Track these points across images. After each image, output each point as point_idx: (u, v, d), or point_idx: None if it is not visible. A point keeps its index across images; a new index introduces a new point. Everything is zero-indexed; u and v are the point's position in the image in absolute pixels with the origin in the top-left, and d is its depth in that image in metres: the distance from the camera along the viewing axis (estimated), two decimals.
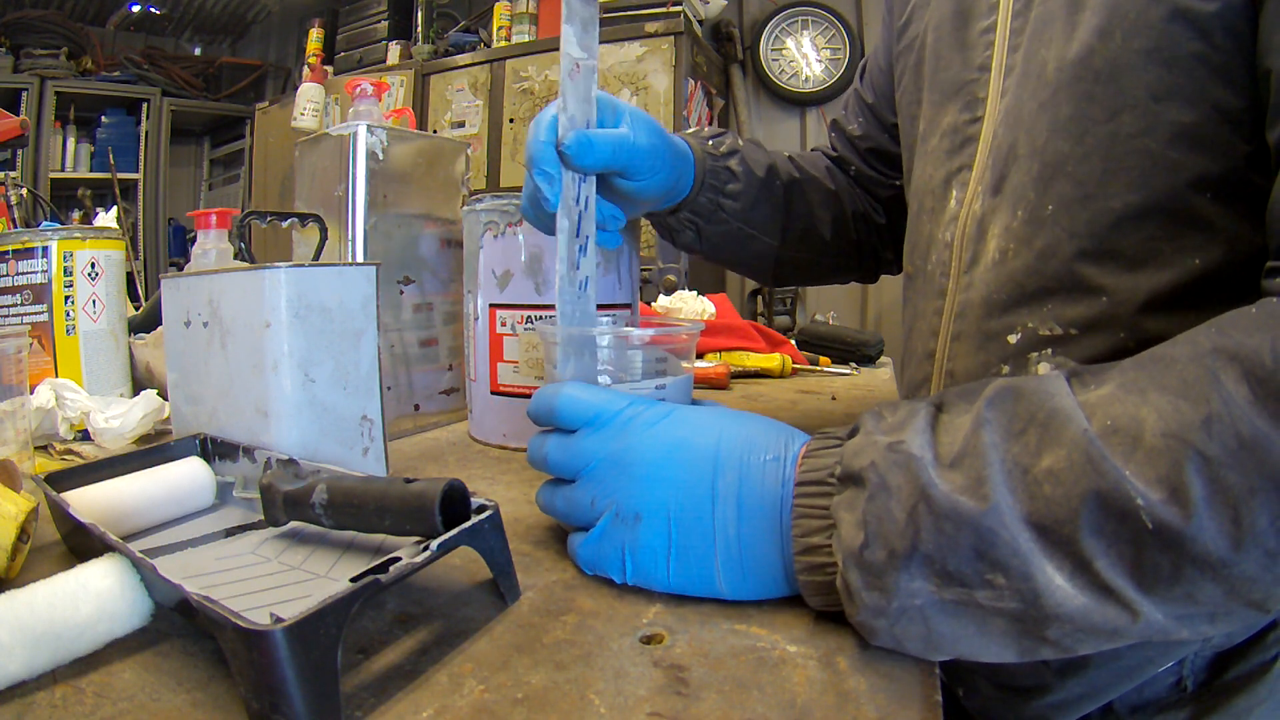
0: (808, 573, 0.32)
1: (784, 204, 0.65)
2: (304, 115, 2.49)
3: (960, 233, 0.49)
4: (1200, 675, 0.47)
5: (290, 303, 0.45)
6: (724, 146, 0.61)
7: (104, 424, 0.61)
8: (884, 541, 0.29)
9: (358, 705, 0.27)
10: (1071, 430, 0.28)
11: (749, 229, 0.63)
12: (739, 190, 0.60)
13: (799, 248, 0.67)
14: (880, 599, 0.29)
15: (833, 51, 2.63)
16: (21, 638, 0.27)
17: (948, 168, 0.51)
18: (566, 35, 0.41)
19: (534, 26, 2.55)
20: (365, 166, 0.65)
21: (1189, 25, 0.37)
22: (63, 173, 3.26)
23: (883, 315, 2.66)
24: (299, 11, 3.47)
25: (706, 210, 0.60)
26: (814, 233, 0.67)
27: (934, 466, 0.29)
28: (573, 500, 0.36)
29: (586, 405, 0.37)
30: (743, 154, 0.61)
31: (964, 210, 0.49)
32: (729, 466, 0.34)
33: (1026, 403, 0.29)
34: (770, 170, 0.63)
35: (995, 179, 0.46)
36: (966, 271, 0.48)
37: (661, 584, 0.34)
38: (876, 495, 0.29)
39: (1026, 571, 0.27)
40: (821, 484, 0.32)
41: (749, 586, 0.34)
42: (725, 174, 0.60)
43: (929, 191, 0.53)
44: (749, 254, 0.65)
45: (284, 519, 0.39)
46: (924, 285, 0.53)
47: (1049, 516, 0.27)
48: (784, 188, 0.64)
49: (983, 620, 0.28)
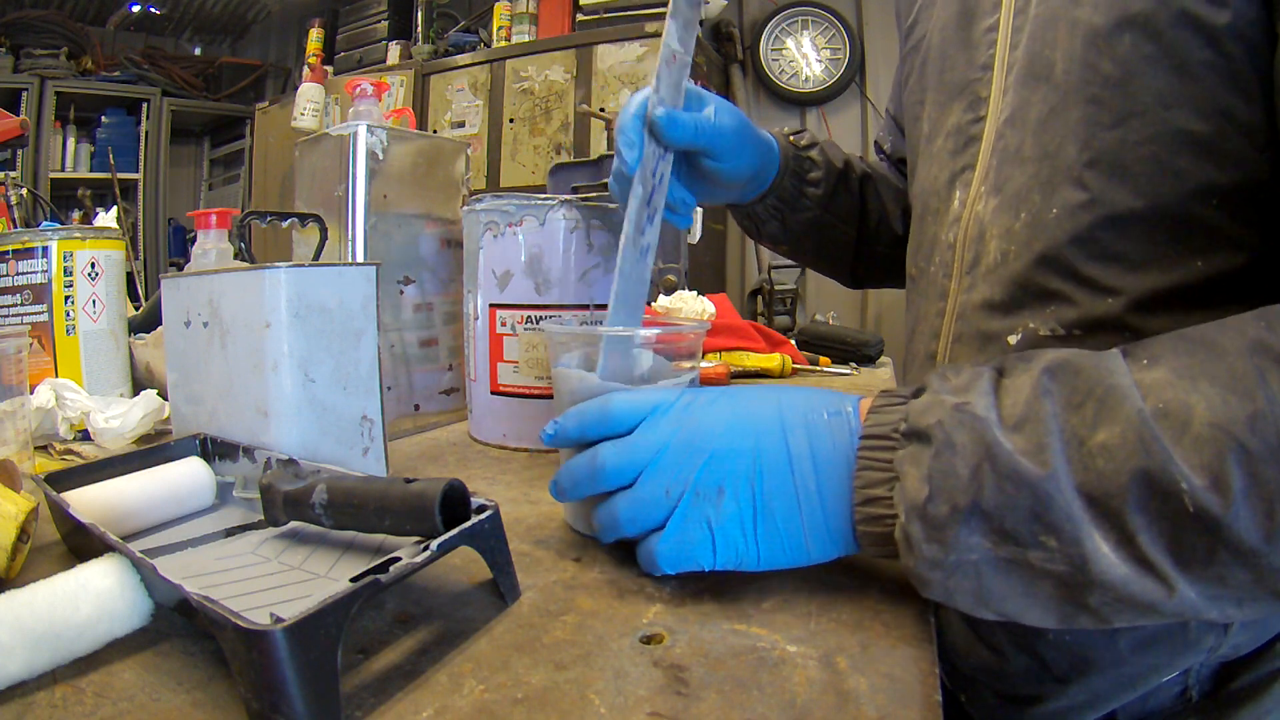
0: (867, 523, 0.33)
1: (860, 195, 0.68)
2: (304, 115, 2.49)
3: (962, 234, 0.49)
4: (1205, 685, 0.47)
5: (290, 303, 0.45)
6: (805, 139, 0.65)
7: (104, 424, 0.61)
8: (947, 496, 0.30)
9: (358, 705, 0.27)
10: (1127, 408, 0.28)
11: (829, 216, 0.66)
12: (820, 178, 0.64)
13: (875, 240, 0.69)
14: (939, 551, 0.30)
15: (832, 52, 2.63)
16: (21, 638, 0.27)
17: (951, 168, 0.51)
18: (669, 29, 0.47)
19: (534, 26, 2.55)
20: (365, 166, 0.65)
21: (1198, 32, 0.37)
22: (63, 173, 3.26)
23: (883, 315, 2.66)
24: (299, 11, 3.47)
25: (791, 197, 0.63)
26: (887, 225, 0.69)
27: (998, 428, 0.30)
28: (640, 499, 0.35)
29: (643, 401, 0.37)
30: (822, 147, 0.65)
31: (966, 211, 0.49)
32: (796, 426, 0.34)
33: (1086, 377, 0.30)
34: (847, 163, 0.67)
35: (998, 179, 0.46)
36: (968, 272, 0.48)
37: (750, 558, 0.34)
38: (942, 452, 0.30)
39: (1077, 536, 0.28)
40: (886, 438, 0.33)
41: (833, 542, 0.34)
42: (808, 163, 0.64)
43: (933, 192, 0.53)
44: (830, 244, 0.68)
45: (284, 519, 0.39)
46: (926, 287, 0.53)
47: (1099, 488, 0.28)
48: (859, 181, 0.68)
49: (1031, 581, 0.29)
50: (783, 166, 0.62)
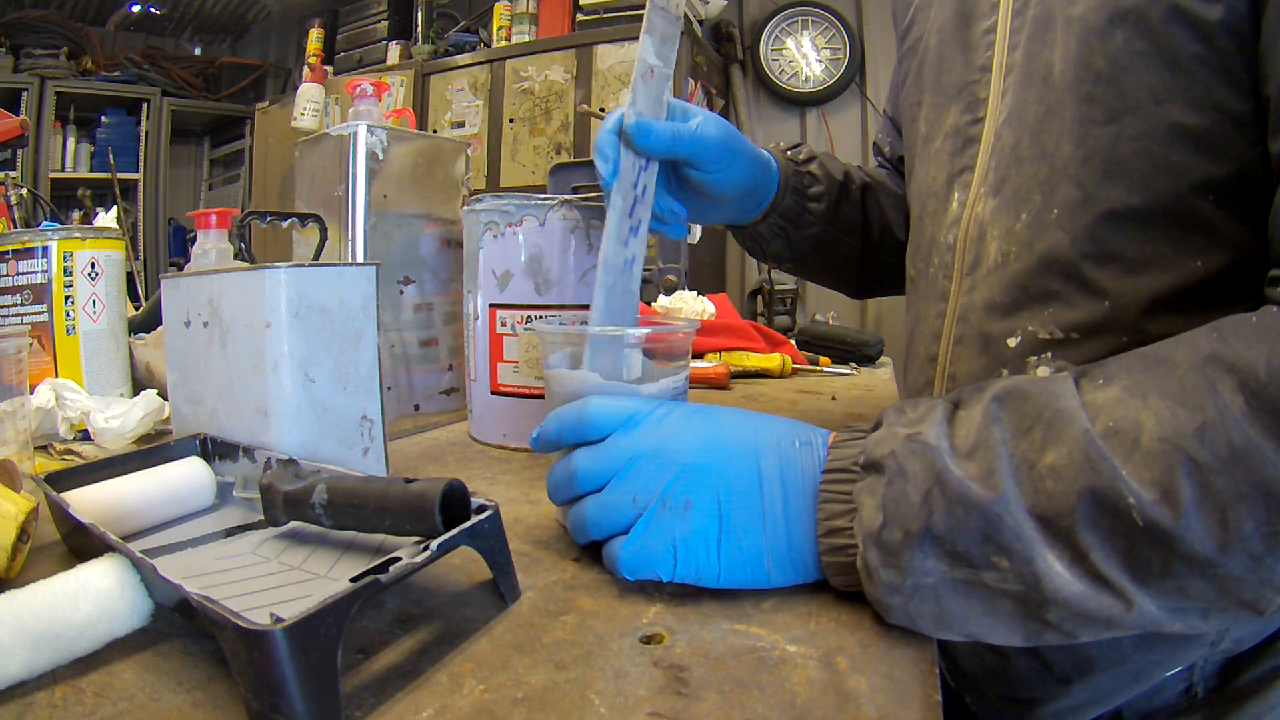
0: (831, 553, 0.33)
1: (861, 206, 0.67)
2: (304, 115, 2.49)
3: (962, 235, 0.49)
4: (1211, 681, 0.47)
5: (290, 303, 0.45)
6: (803, 154, 0.64)
7: (104, 424, 0.61)
8: (900, 522, 0.31)
9: (358, 705, 0.27)
10: (1073, 430, 0.29)
11: (833, 230, 0.65)
12: (821, 193, 0.63)
13: (879, 250, 0.69)
14: (896, 576, 0.31)
15: (832, 51, 2.63)
16: (21, 638, 0.27)
17: (950, 169, 0.51)
18: (645, 44, 0.47)
19: (534, 26, 2.55)
20: (365, 166, 0.65)
21: (1189, 27, 0.37)
22: (63, 173, 3.26)
23: (883, 315, 2.66)
24: (299, 11, 3.47)
25: (793, 214, 0.63)
26: (890, 234, 0.69)
27: (950, 455, 0.31)
28: (608, 504, 0.36)
29: (619, 410, 0.37)
30: (821, 160, 0.65)
31: (966, 212, 0.49)
32: (769, 450, 0.35)
33: (1034, 403, 0.31)
34: (846, 175, 0.66)
35: (997, 180, 0.46)
36: (968, 274, 0.48)
37: (710, 574, 0.34)
38: (895, 480, 0.31)
39: (1029, 556, 0.29)
40: (846, 471, 0.34)
41: (794, 568, 0.34)
42: (808, 178, 0.63)
43: (931, 194, 0.53)
44: (835, 258, 0.68)
45: (284, 519, 0.39)
46: (926, 288, 0.53)
47: (1050, 509, 0.29)
48: (860, 191, 0.67)
49: (990, 601, 0.30)
50: (782, 183, 0.61)
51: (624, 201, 0.46)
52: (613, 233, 0.46)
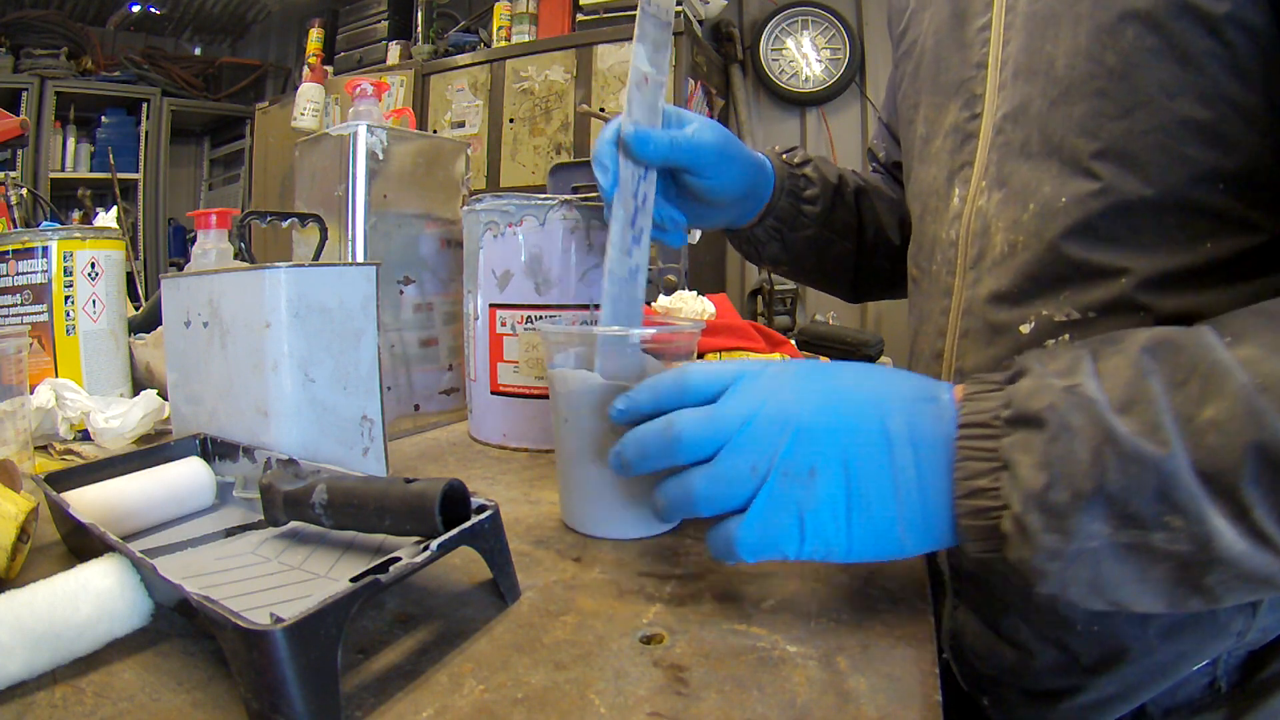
0: (971, 516, 0.31)
1: (856, 209, 0.68)
2: (304, 115, 2.49)
3: (964, 230, 0.49)
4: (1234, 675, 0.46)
5: (290, 303, 0.45)
6: (798, 157, 0.65)
7: (104, 424, 0.61)
8: (1069, 482, 0.29)
9: (358, 705, 0.27)
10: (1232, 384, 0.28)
11: (828, 232, 0.65)
12: (816, 195, 0.64)
13: (873, 254, 0.69)
14: (1059, 541, 0.29)
15: (832, 52, 2.63)
16: (21, 638, 0.27)
17: (950, 166, 0.51)
18: (637, 52, 0.47)
19: (534, 26, 2.55)
20: (365, 166, 0.65)
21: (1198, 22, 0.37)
22: (63, 173, 3.26)
23: (883, 315, 2.66)
24: (299, 11, 3.46)
25: (788, 216, 0.63)
26: (885, 238, 0.69)
27: (1109, 409, 0.29)
28: (721, 476, 0.32)
29: (724, 371, 0.34)
30: (815, 163, 0.65)
31: (967, 207, 0.49)
32: (896, 408, 0.33)
33: (1188, 355, 0.30)
34: (841, 178, 0.67)
35: (1001, 174, 0.46)
36: (972, 267, 0.48)
37: (840, 548, 0.32)
38: (1059, 437, 0.29)
39: (1201, 514, 0.28)
40: (986, 426, 0.31)
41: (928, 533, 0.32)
42: (803, 180, 0.64)
43: (932, 192, 0.53)
44: (830, 260, 0.68)
45: (284, 519, 0.39)
46: (930, 286, 0.53)
47: (1213, 465, 0.28)
48: (854, 194, 0.67)
49: (1147, 566, 0.29)
50: (778, 186, 0.62)
51: (625, 211, 0.47)
52: (616, 243, 0.46)
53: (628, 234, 0.47)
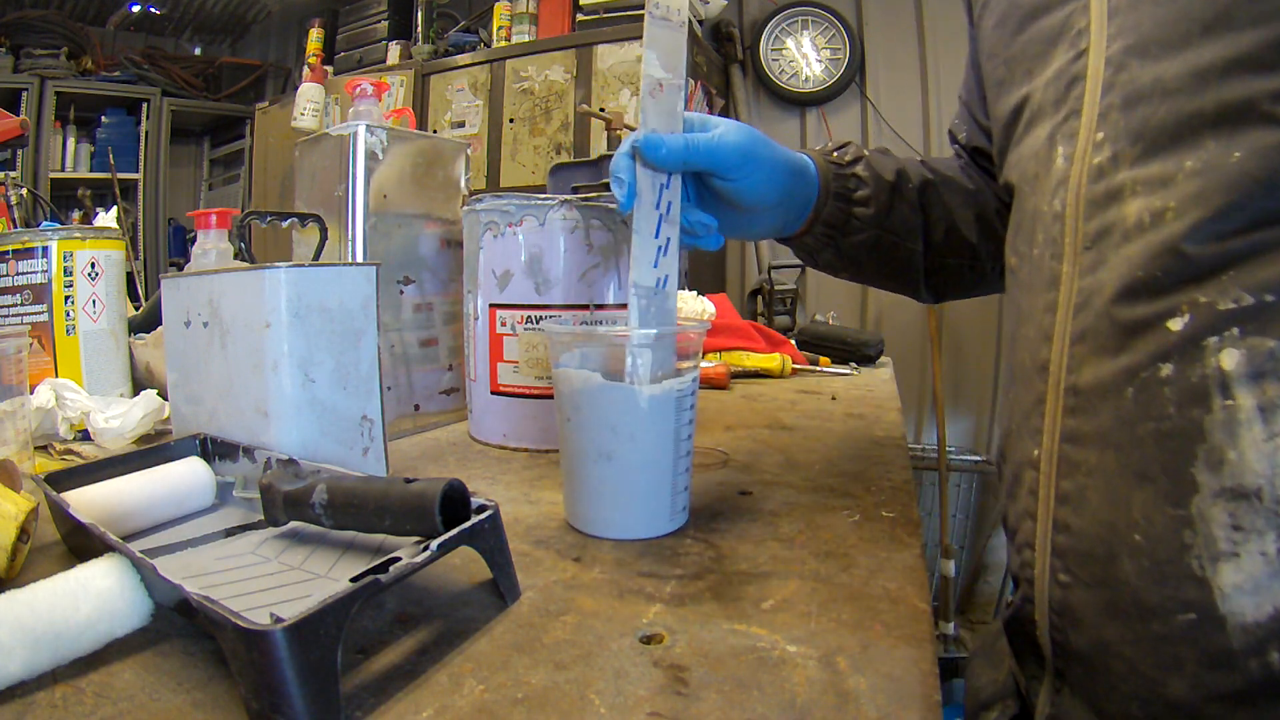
0: None
1: (920, 206, 0.60)
2: (304, 115, 2.49)
3: (1073, 198, 0.39)
4: None
5: (290, 303, 0.45)
6: (848, 155, 0.59)
7: (104, 424, 0.61)
8: None
9: (358, 705, 0.27)
10: None
11: (888, 235, 0.59)
12: (868, 195, 0.58)
13: (946, 252, 0.62)
14: None
15: (833, 51, 2.63)
16: (21, 638, 0.27)
17: (1053, 121, 0.41)
18: (648, 59, 0.46)
19: (534, 26, 2.55)
20: (365, 166, 0.65)
21: None
22: (63, 173, 3.26)
23: (883, 315, 2.65)
24: (299, 11, 3.46)
25: (839, 220, 0.58)
26: (958, 234, 0.61)
27: None
28: None
29: None
30: (868, 160, 0.59)
31: (1075, 168, 0.39)
32: None
33: None
34: (899, 174, 0.59)
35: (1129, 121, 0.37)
36: (1089, 247, 0.38)
37: None
38: None
39: None
40: None
41: None
42: (853, 181, 0.58)
43: (1031, 156, 0.44)
44: (894, 263, 0.61)
45: (284, 519, 0.39)
46: (1029, 276, 0.43)
47: None
48: (917, 190, 0.60)
49: None
50: (824, 189, 0.56)
51: (648, 224, 0.46)
52: (639, 257, 0.45)
53: (652, 245, 0.46)
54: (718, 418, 0.75)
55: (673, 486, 0.43)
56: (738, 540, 0.42)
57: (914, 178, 0.60)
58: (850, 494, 0.50)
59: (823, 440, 0.65)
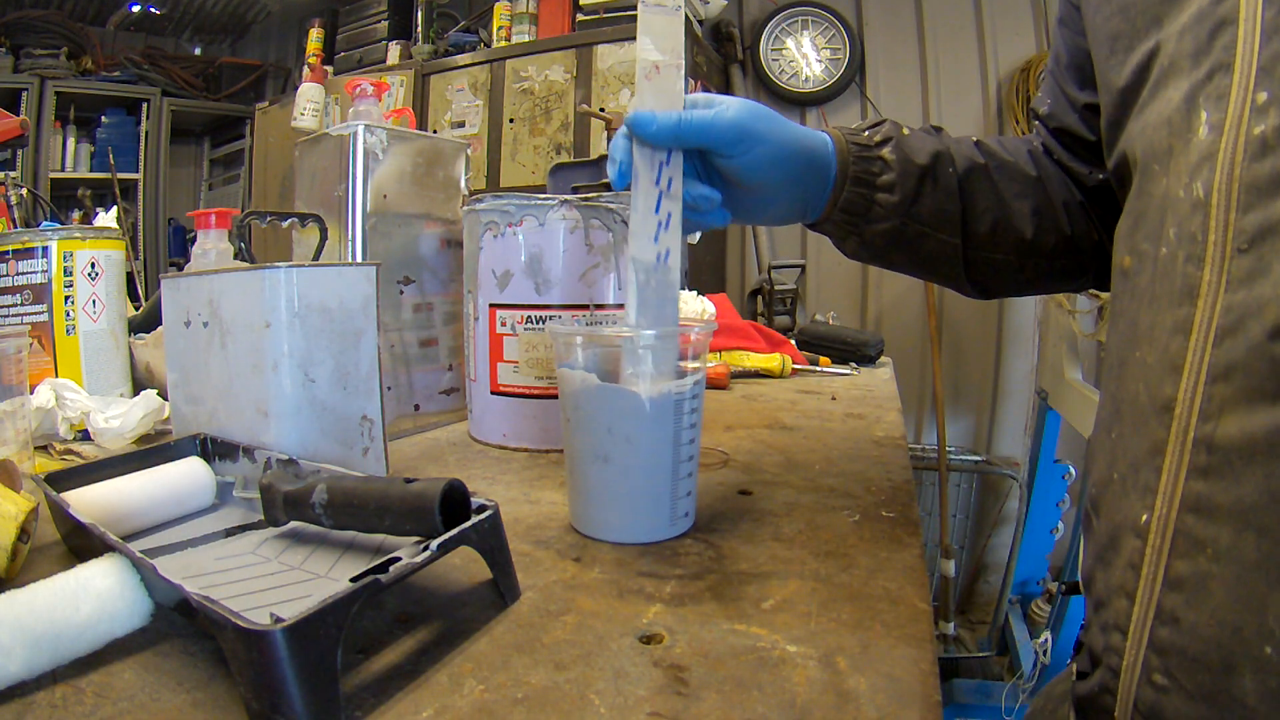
0: None
1: (960, 194, 0.53)
2: (304, 115, 2.49)
3: (1223, 180, 0.30)
4: None
5: (290, 303, 0.45)
6: (878, 135, 0.52)
7: (104, 424, 0.61)
8: None
9: (358, 705, 0.27)
10: None
11: (915, 225, 0.52)
12: (892, 181, 0.51)
13: (992, 246, 0.54)
14: None
15: (833, 51, 2.63)
16: (21, 638, 0.27)
17: (1191, 80, 0.33)
18: (643, 45, 0.46)
19: (534, 26, 2.55)
20: (365, 166, 0.65)
21: None
22: (63, 173, 3.26)
23: (883, 315, 2.65)
24: (299, 11, 3.46)
25: (859, 207, 0.52)
26: (1008, 226, 0.53)
27: None
28: None
29: None
30: (899, 142, 0.52)
31: (1225, 140, 0.30)
32: None
33: None
34: (937, 156, 0.52)
35: None
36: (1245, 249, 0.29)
37: None
38: None
39: None
40: None
41: None
42: (877, 164, 0.51)
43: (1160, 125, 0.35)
44: (926, 256, 0.54)
45: (284, 519, 0.39)
46: (1152, 284, 0.34)
47: None
48: (959, 176, 0.53)
49: None
50: (841, 172, 0.51)
51: (646, 200, 0.46)
52: (638, 231, 0.45)
53: (652, 220, 0.46)
54: (718, 418, 0.75)
55: (673, 492, 0.43)
56: (738, 540, 0.42)
57: (958, 161, 0.53)
58: (850, 494, 0.50)
59: (823, 440, 0.65)
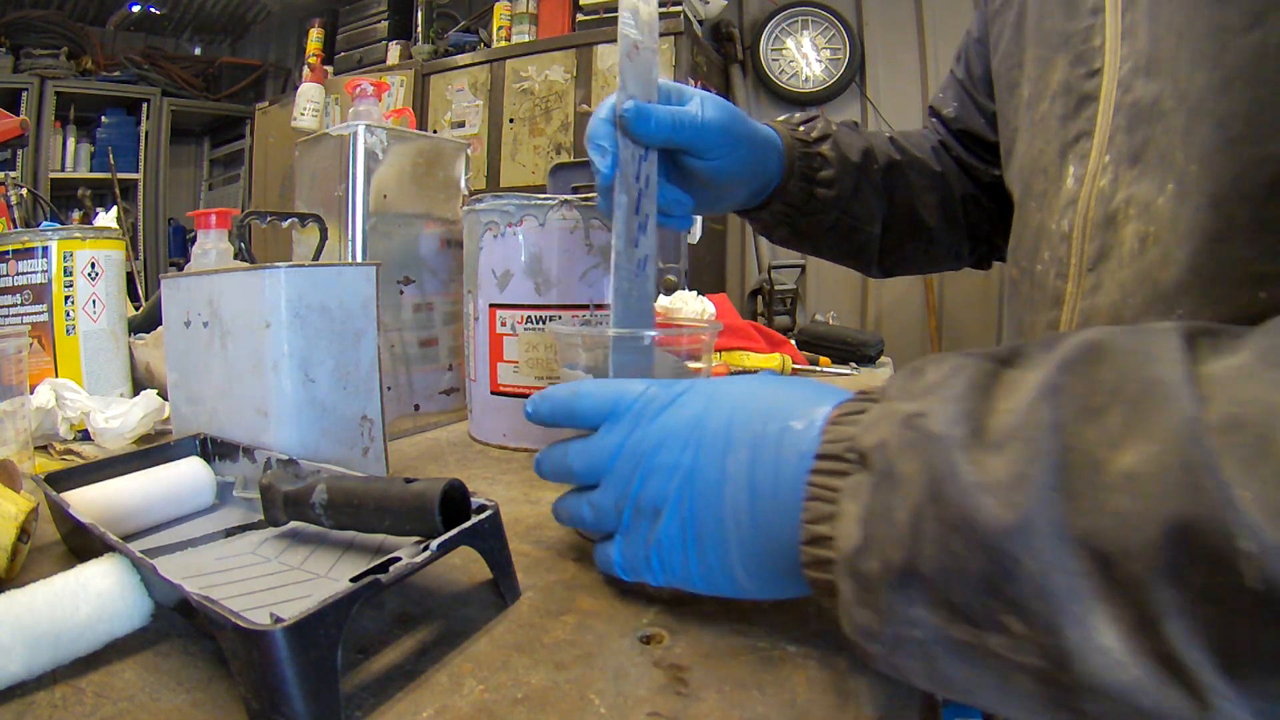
0: (814, 568, 0.25)
1: (884, 189, 0.59)
2: (304, 115, 2.49)
3: (1081, 219, 0.39)
4: None
5: (290, 303, 0.45)
6: (815, 132, 0.56)
7: (104, 424, 0.61)
8: (879, 549, 0.22)
9: (358, 705, 0.27)
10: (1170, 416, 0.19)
11: (847, 219, 0.57)
12: (832, 177, 0.55)
13: (904, 236, 0.61)
14: (872, 620, 0.23)
15: (832, 52, 2.63)
16: (21, 638, 0.27)
17: (1062, 138, 0.41)
18: (624, 18, 0.43)
19: (534, 26, 2.55)
20: (365, 166, 0.65)
21: None
22: (63, 173, 3.26)
23: (883, 315, 2.66)
24: (299, 11, 3.46)
25: (800, 201, 0.55)
26: (918, 218, 0.60)
27: (964, 449, 0.21)
28: (599, 506, 0.33)
29: (603, 399, 0.33)
30: (835, 139, 0.56)
31: (1085, 189, 0.39)
32: (741, 440, 0.28)
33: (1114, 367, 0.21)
34: (866, 154, 0.57)
35: (1135, 145, 0.36)
36: (1092, 269, 0.38)
37: (690, 581, 0.31)
38: (880, 486, 0.23)
39: (1054, 622, 0.19)
40: (840, 459, 0.25)
41: (772, 583, 0.29)
42: (817, 160, 0.55)
43: (1038, 171, 0.43)
44: (851, 245, 0.60)
45: (284, 519, 0.39)
46: (1032, 291, 0.44)
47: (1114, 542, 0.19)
48: (882, 172, 0.58)
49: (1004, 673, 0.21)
50: (788, 167, 0.54)
51: (629, 197, 0.43)
52: (622, 233, 0.42)
53: (633, 222, 0.43)
54: None
55: None
56: None
57: (880, 158, 0.58)
58: None
59: None
